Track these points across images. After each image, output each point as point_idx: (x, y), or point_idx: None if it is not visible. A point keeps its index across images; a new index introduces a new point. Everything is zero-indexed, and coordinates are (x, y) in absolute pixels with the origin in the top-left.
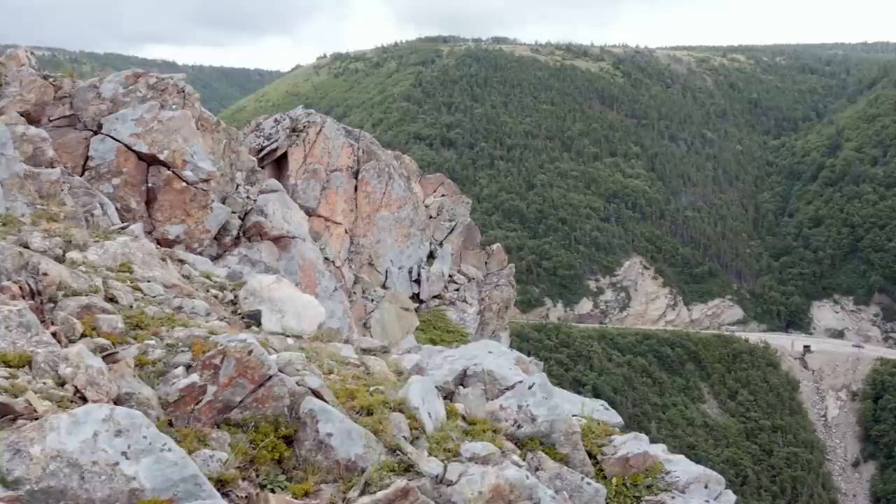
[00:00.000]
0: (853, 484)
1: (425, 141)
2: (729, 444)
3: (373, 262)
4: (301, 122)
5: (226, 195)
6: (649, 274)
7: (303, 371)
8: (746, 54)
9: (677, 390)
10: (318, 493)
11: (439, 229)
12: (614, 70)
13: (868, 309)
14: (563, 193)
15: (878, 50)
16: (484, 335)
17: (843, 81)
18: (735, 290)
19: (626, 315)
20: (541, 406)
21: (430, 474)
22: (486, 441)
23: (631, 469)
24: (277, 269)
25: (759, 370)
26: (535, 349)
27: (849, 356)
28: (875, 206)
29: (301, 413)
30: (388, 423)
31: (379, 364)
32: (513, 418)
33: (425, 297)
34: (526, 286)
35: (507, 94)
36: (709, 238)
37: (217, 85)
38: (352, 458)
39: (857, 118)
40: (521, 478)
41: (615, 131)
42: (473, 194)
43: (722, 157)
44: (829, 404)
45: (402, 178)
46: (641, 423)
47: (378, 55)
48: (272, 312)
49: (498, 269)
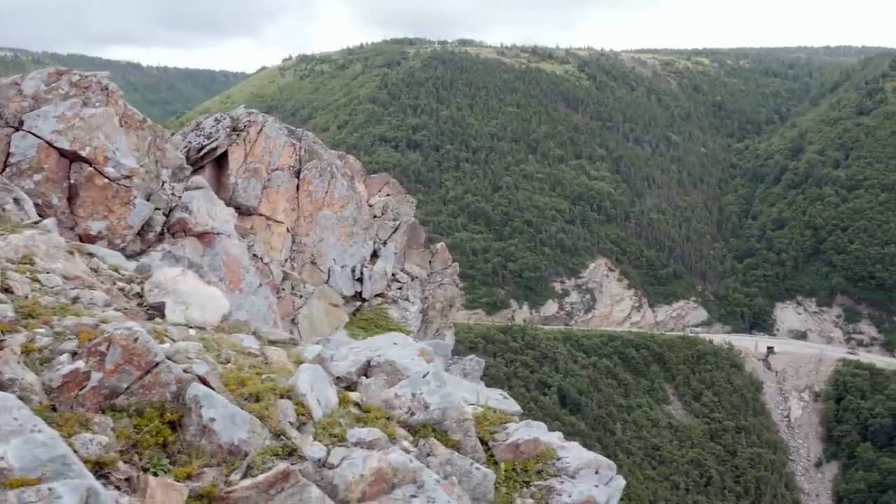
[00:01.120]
0: (816, 484)
1: (391, 143)
2: (693, 445)
3: (315, 261)
4: (242, 122)
5: (151, 192)
6: (614, 276)
7: (194, 359)
8: (710, 57)
9: (642, 391)
10: (201, 476)
11: (383, 228)
12: (579, 73)
13: (830, 310)
14: (528, 195)
15: (841, 54)
16: (428, 333)
17: (805, 85)
18: (699, 291)
19: (592, 317)
20: (434, 394)
21: (313, 458)
22: (378, 428)
23: (522, 455)
24: (201, 264)
25: (723, 371)
26: (501, 351)
27: (811, 357)
28: (837, 208)
29: (186, 399)
30: (275, 409)
31: (279, 354)
32: (406, 406)
33: (368, 295)
34: (492, 288)
35: (473, 96)
36: (673, 240)
37: (182, 86)
38: (235, 442)
39: (820, 121)
40: (405, 462)
41: (580, 134)
42: (439, 196)
43: (686, 159)
44: (792, 405)
45: (346, 177)
46: (606, 425)
47: (343, 57)
48: (176, 304)
49: (442, 268)
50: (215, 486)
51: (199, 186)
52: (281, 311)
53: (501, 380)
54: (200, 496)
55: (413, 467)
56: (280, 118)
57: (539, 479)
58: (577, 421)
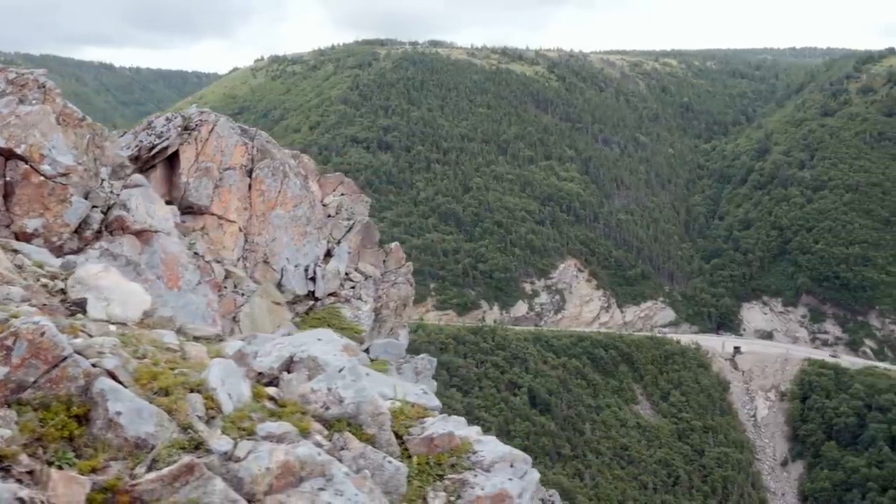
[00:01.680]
0: (782, 483)
1: (362, 144)
2: (661, 445)
3: (268, 260)
4: (193, 121)
5: (89, 190)
6: (583, 276)
7: (107, 354)
8: (678, 59)
9: (611, 392)
10: (106, 470)
11: (337, 228)
12: (549, 74)
13: (796, 310)
14: (498, 196)
15: (807, 55)
16: (382, 332)
17: (772, 86)
18: (667, 292)
19: (561, 317)
20: (349, 389)
21: (219, 451)
22: (292, 422)
23: (436, 449)
24: (139, 262)
25: (690, 371)
26: (472, 352)
27: (777, 357)
28: (802, 208)
29: (93, 393)
30: (184, 402)
31: (197, 350)
32: (322, 400)
33: (320, 294)
34: (462, 289)
35: (444, 97)
36: (641, 241)
37: (155, 87)
38: (142, 435)
39: (786, 122)
40: (313, 455)
41: (550, 135)
42: (410, 197)
43: (654, 160)
44: (758, 404)
45: (299, 176)
46: (576, 425)
47: (315, 58)
48: (98, 300)
49: (396, 267)
50: (119, 480)
51: (137, 184)
52: (223, 310)
53: (472, 380)
54: (104, 489)
55: (321, 461)
56: (252, 119)
57: (453, 473)
58: (547, 421)
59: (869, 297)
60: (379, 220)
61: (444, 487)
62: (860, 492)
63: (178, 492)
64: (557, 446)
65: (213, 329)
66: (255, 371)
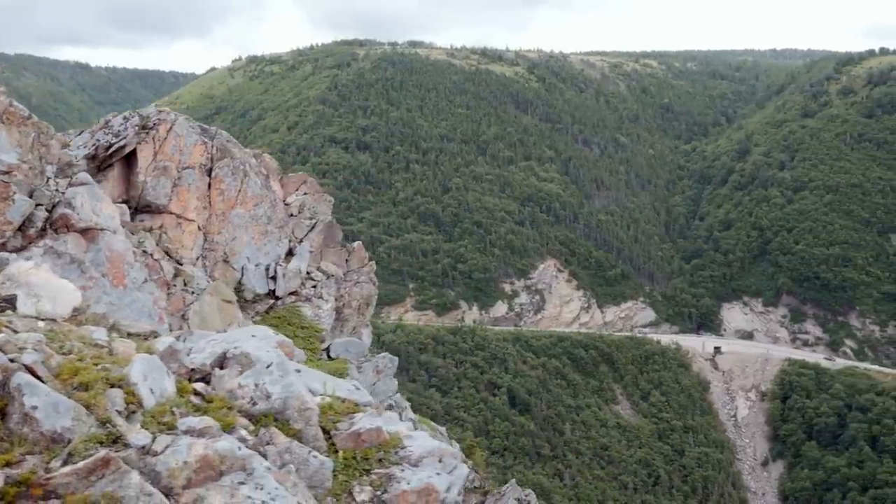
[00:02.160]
0: (762, 483)
1: (341, 144)
2: (641, 445)
3: (228, 259)
4: (152, 120)
5: (34, 188)
6: (563, 277)
7: (28, 349)
8: (658, 60)
9: (591, 392)
10: (21, 464)
11: (299, 227)
12: (529, 74)
13: (776, 310)
14: (478, 197)
15: (787, 56)
16: (344, 331)
17: (752, 87)
18: (647, 292)
19: (541, 317)
20: (276, 384)
21: (137, 445)
22: (217, 417)
23: (363, 444)
24: (84, 260)
25: (670, 371)
26: (451, 352)
27: (758, 357)
28: (783, 209)
29: (10, 388)
30: (103, 397)
31: (126, 346)
32: (249, 396)
33: (281, 293)
34: (441, 289)
35: (423, 97)
36: (621, 241)
37: (131, 87)
38: (58, 430)
39: (766, 123)
40: (233, 449)
41: (529, 135)
42: (389, 198)
43: (634, 161)
44: (738, 404)
45: (260, 176)
46: (555, 425)
47: (293, 58)
48: (28, 297)
49: (359, 266)
50: (34, 473)
51: (83, 182)
52: (171, 307)
53: (451, 381)
54: (18, 483)
55: (242, 455)
56: (230, 119)
57: (380, 467)
58: (527, 421)
59: (849, 298)
60: (358, 220)
61: (370, 482)
62: (840, 491)
63: (93, 485)
64: (537, 446)
65: (149, 326)
66: (186, 367)
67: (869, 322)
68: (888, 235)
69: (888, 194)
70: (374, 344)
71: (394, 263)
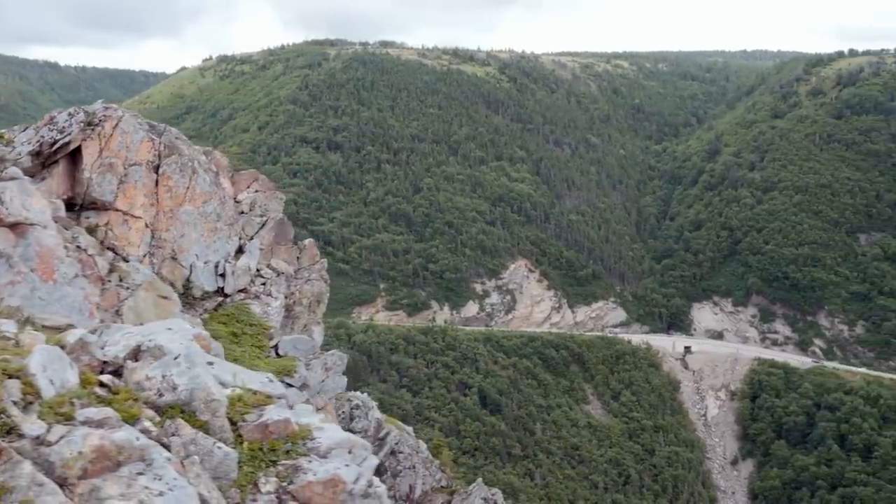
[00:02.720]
0: (732, 481)
1: (312, 144)
2: (612, 445)
3: (176, 257)
4: (97, 116)
5: None
6: (534, 277)
7: None
8: (629, 60)
9: (562, 392)
10: None
11: (250, 224)
12: (500, 75)
13: (746, 310)
14: (449, 197)
15: (757, 57)
16: (295, 329)
17: (722, 88)
18: (618, 292)
19: (512, 317)
20: (183, 376)
21: (31, 435)
22: (123, 409)
23: (271, 435)
24: (12, 255)
25: (641, 371)
26: (422, 352)
27: (727, 357)
28: (752, 209)
29: None
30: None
31: (33, 338)
32: (156, 388)
33: (230, 291)
34: (412, 289)
35: (394, 97)
36: (592, 241)
37: (101, 86)
38: None
39: (736, 124)
40: (130, 440)
41: (501, 135)
42: (360, 198)
43: (605, 161)
44: (708, 404)
45: (210, 173)
46: (526, 425)
47: (264, 58)
48: None
49: (310, 264)
50: None
51: (13, 177)
52: (105, 303)
53: (422, 381)
54: None
55: (140, 445)
56: (200, 119)
57: (287, 459)
58: (498, 421)
59: (818, 298)
60: (329, 220)
61: (277, 473)
62: (809, 490)
63: None
64: (508, 446)
65: (65, 320)
66: (99, 360)
67: (837, 322)
68: (857, 235)
69: (857, 195)
70: (344, 343)
71: (365, 263)
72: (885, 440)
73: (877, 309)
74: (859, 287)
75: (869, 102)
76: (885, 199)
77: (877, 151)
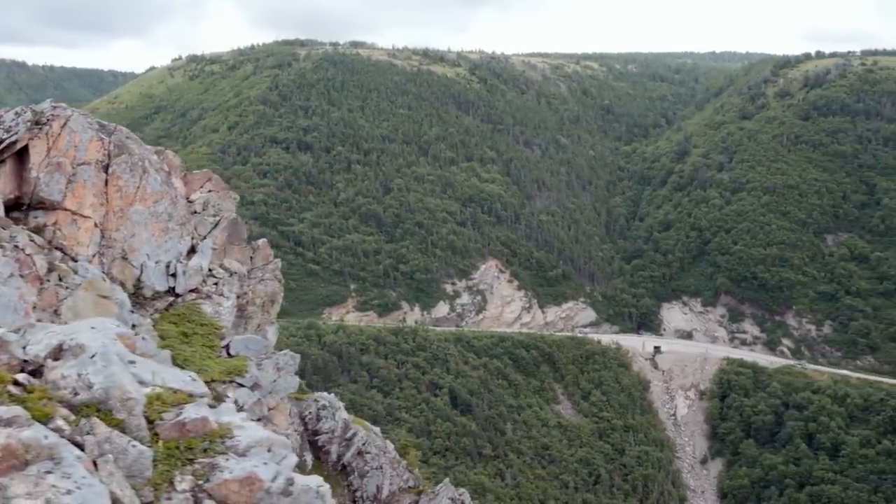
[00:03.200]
0: (701, 480)
1: (282, 144)
2: (582, 444)
3: (126, 257)
4: (45, 115)
5: None
6: (505, 277)
7: None
8: (599, 62)
9: (532, 392)
10: None
11: (202, 224)
12: (470, 75)
13: (715, 310)
14: (419, 197)
15: (726, 59)
16: (248, 329)
17: (691, 89)
18: (588, 292)
19: (482, 318)
20: (98, 374)
21: None
22: (36, 408)
23: (188, 433)
24: None
25: (611, 371)
26: (392, 353)
27: (697, 356)
28: (721, 210)
29: None
30: None
31: None
32: (72, 386)
33: (181, 290)
34: (383, 290)
35: (365, 98)
36: (562, 242)
37: (69, 86)
38: None
39: (705, 125)
40: (38, 438)
41: (471, 136)
42: (330, 198)
43: (575, 162)
44: (678, 403)
45: (161, 173)
46: (497, 425)
47: (234, 57)
48: None
49: (263, 264)
50: None
51: None
52: (43, 303)
53: (392, 381)
54: None
55: (49, 444)
56: (169, 119)
57: (204, 457)
58: (468, 421)
59: (786, 297)
60: (299, 220)
61: (193, 471)
62: (778, 489)
63: None
64: (478, 446)
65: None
66: (19, 359)
67: (805, 321)
68: (824, 236)
69: (824, 195)
70: (315, 344)
71: (335, 264)
72: (853, 439)
73: (844, 309)
74: (827, 287)
75: (836, 104)
76: (851, 200)
77: (843, 153)
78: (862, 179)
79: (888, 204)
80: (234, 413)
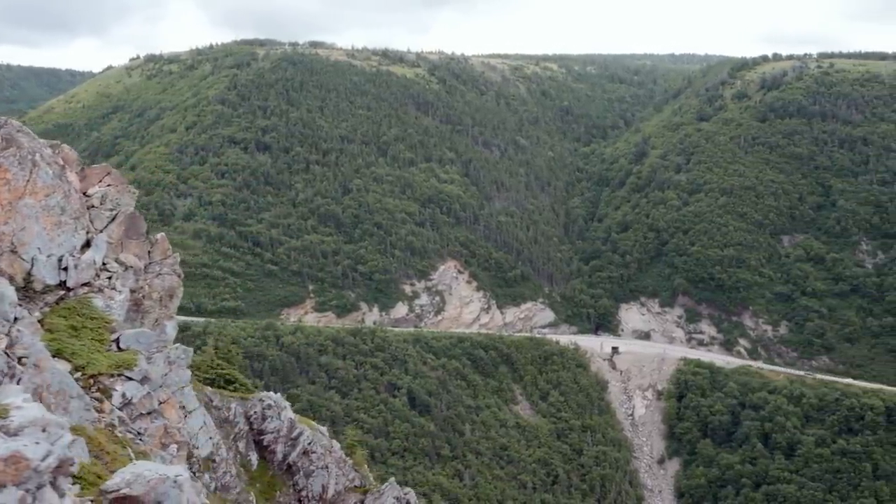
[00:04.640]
0: (658, 480)
1: (240, 145)
2: (541, 445)
3: (16, 250)
4: None
5: None
6: (463, 278)
7: None
8: (558, 63)
9: (490, 392)
10: None
11: (98, 218)
12: (430, 76)
13: (672, 311)
14: (378, 198)
15: (685, 61)
16: (145, 323)
17: (650, 91)
18: (546, 293)
19: (441, 319)
20: None
21: None
22: None
23: None
24: None
25: (569, 371)
26: (351, 353)
27: (654, 357)
28: (679, 211)
29: None
30: None
31: None
32: None
33: (73, 284)
34: (342, 291)
35: (324, 98)
36: (521, 242)
37: (26, 85)
38: None
39: (663, 126)
40: None
41: (430, 137)
42: (289, 199)
43: (534, 163)
44: (636, 403)
45: (54, 166)
46: (455, 426)
47: (192, 57)
48: None
49: (161, 258)
50: None
51: None
52: None
53: (351, 382)
54: None
55: None
56: (127, 118)
57: None
58: (427, 422)
59: (743, 298)
60: (257, 221)
61: None
62: (734, 488)
63: None
64: (437, 447)
65: None
66: None
67: (762, 322)
68: (780, 237)
69: (780, 197)
70: (273, 345)
71: (293, 265)
72: (808, 438)
73: (800, 309)
74: (783, 288)
75: (792, 106)
76: (807, 202)
77: (799, 154)
78: (818, 181)
79: (844, 205)
80: (15, 395)
